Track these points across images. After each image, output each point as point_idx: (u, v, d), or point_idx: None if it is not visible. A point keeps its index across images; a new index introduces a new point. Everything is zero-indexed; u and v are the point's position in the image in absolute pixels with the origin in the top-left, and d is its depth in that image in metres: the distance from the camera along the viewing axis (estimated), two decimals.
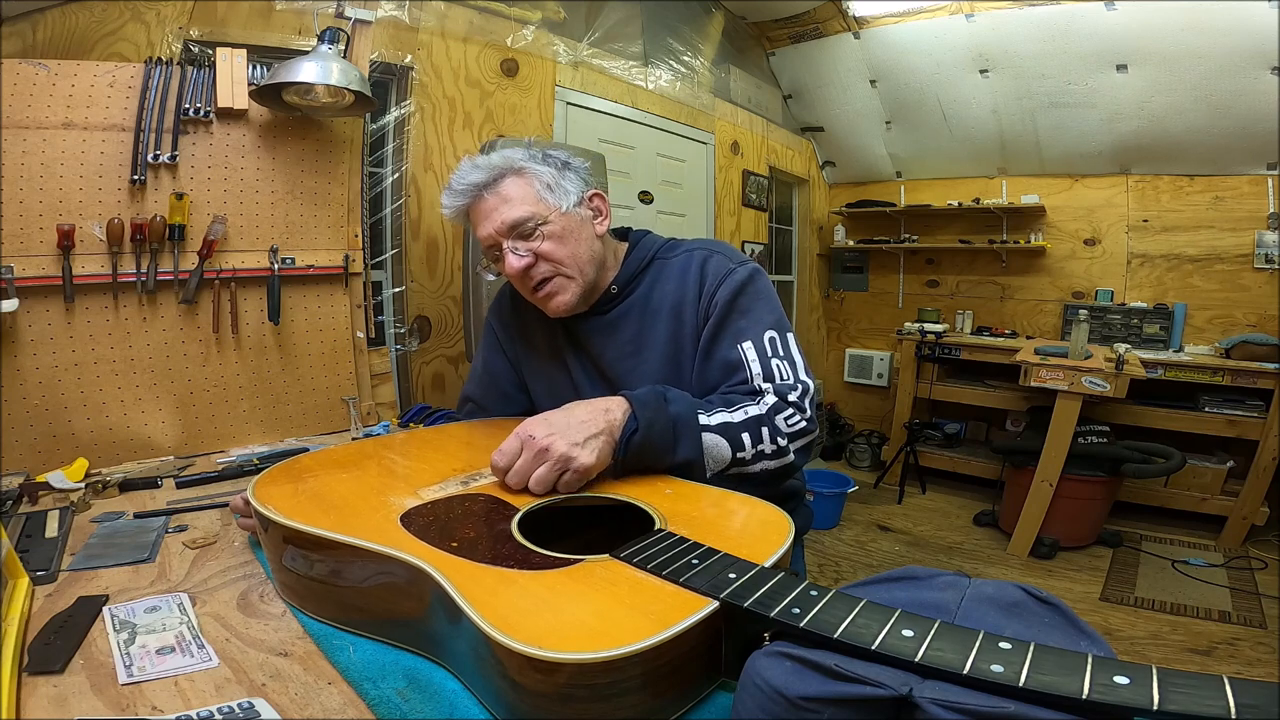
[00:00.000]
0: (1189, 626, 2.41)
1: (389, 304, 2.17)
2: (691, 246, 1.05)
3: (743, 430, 0.86)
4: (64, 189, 1.36)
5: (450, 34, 2.27)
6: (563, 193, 0.98)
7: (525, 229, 0.95)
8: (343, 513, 0.68)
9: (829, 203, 4.84)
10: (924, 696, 0.38)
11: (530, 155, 0.98)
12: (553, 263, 0.97)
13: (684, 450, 0.82)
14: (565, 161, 1.01)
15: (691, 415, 0.84)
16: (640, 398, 0.84)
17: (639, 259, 1.05)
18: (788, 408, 0.90)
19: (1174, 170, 3.64)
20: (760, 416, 0.87)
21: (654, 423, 0.81)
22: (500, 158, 0.97)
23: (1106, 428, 3.08)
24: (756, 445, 0.86)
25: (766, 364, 0.94)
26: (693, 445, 0.83)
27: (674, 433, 0.82)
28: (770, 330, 0.96)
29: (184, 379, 1.52)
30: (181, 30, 1.66)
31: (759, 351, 0.94)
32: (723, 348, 0.96)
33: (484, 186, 0.96)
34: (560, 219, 0.97)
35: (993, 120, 3.86)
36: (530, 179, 0.96)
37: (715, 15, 3.65)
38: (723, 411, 0.87)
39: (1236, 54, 2.98)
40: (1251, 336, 3.22)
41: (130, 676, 0.56)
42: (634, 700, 0.47)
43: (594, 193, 1.03)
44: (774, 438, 0.87)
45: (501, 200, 0.95)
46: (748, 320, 0.96)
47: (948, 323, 4.22)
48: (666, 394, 0.86)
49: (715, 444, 0.84)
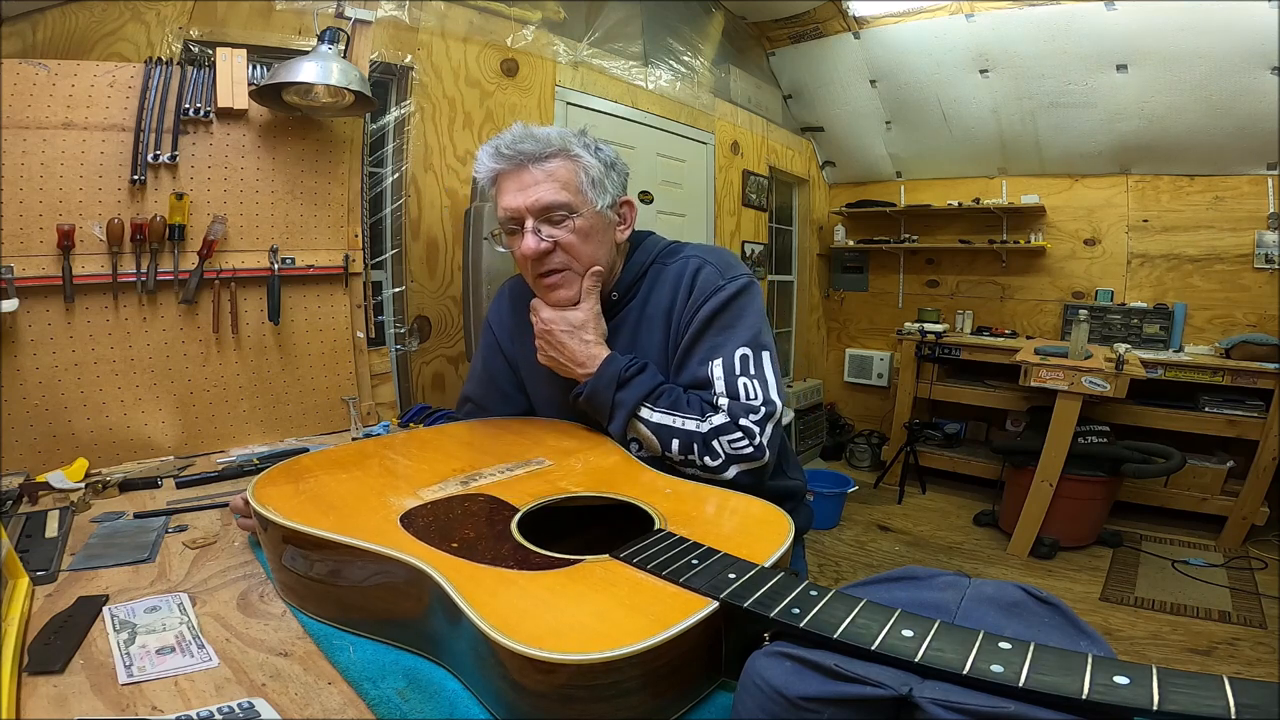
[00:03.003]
0: (1189, 626, 2.41)
1: (389, 304, 2.17)
2: (689, 253, 1.04)
3: (674, 437, 0.90)
4: (64, 189, 1.36)
5: (450, 34, 2.26)
6: (602, 190, 0.97)
7: (556, 215, 0.94)
8: (342, 513, 0.68)
9: (829, 203, 4.84)
10: (924, 696, 0.38)
11: (585, 143, 0.97)
12: (570, 256, 0.96)
13: (615, 426, 0.95)
14: (612, 162, 1.00)
15: (634, 404, 0.93)
16: (602, 372, 0.94)
17: (639, 263, 1.05)
18: (734, 431, 0.89)
19: (1174, 170, 3.64)
20: (696, 433, 0.89)
21: (596, 392, 0.95)
22: (557, 135, 0.95)
23: (1106, 428, 3.08)
24: (685, 454, 0.90)
25: (733, 381, 0.92)
26: (621, 426, 0.94)
27: (610, 411, 0.94)
28: (743, 347, 0.94)
29: (184, 379, 1.52)
30: (181, 30, 1.66)
31: (726, 368, 0.93)
32: (693, 364, 0.96)
33: (532, 158, 0.93)
34: (592, 216, 0.96)
35: (993, 120, 3.86)
36: (579, 167, 0.95)
37: (715, 15, 3.65)
38: (667, 414, 0.92)
39: (1236, 54, 2.97)
40: (1251, 336, 3.22)
41: (130, 676, 0.56)
42: (634, 700, 0.47)
43: (626, 199, 1.03)
44: (705, 456, 0.89)
45: (545, 177, 0.93)
46: (724, 337, 0.95)
47: (948, 323, 4.22)
48: (625, 374, 0.94)
49: (646, 436, 0.93)
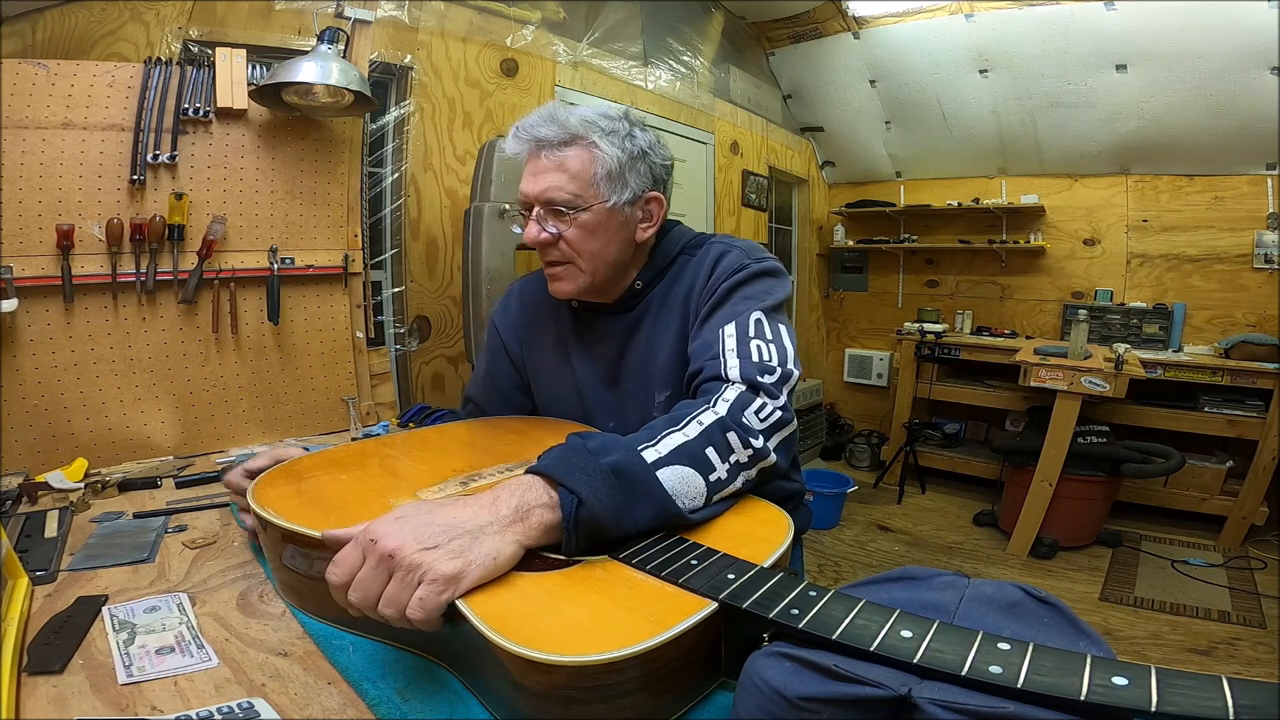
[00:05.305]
0: (1188, 626, 2.41)
1: (388, 304, 2.17)
2: (716, 240, 0.99)
3: (704, 447, 0.69)
4: (63, 189, 1.36)
5: (450, 34, 2.26)
6: (620, 186, 0.90)
7: (559, 209, 0.90)
8: (342, 514, 0.68)
9: (828, 203, 4.84)
10: (923, 697, 0.38)
11: (612, 131, 0.90)
12: (572, 251, 0.92)
13: (643, 509, 0.62)
14: (644, 151, 0.93)
15: (633, 457, 0.64)
16: (552, 463, 0.63)
17: (667, 252, 1.00)
18: (757, 397, 0.76)
19: (1173, 170, 3.64)
20: (721, 420, 0.72)
21: (593, 485, 0.61)
22: (579, 123, 0.89)
23: (1106, 428, 3.09)
24: (728, 457, 0.70)
25: (745, 344, 0.82)
26: (651, 497, 0.63)
27: (620, 489, 0.62)
28: (758, 313, 0.86)
29: (183, 379, 1.52)
30: (181, 30, 1.65)
31: (739, 330, 0.84)
32: (704, 331, 0.87)
33: (545, 144, 0.89)
34: (601, 213, 0.90)
35: (992, 120, 3.86)
36: (595, 160, 0.89)
37: (715, 15, 3.65)
38: (673, 430, 0.70)
39: (1236, 54, 2.98)
40: (1251, 336, 3.22)
41: (130, 676, 0.56)
42: (634, 701, 0.47)
43: (653, 195, 0.95)
44: (746, 439, 0.72)
45: (555, 166, 0.89)
46: (744, 305, 0.87)
47: (947, 323, 4.22)
48: (587, 444, 0.65)
49: (680, 478, 0.65)
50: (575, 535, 0.59)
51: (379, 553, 0.53)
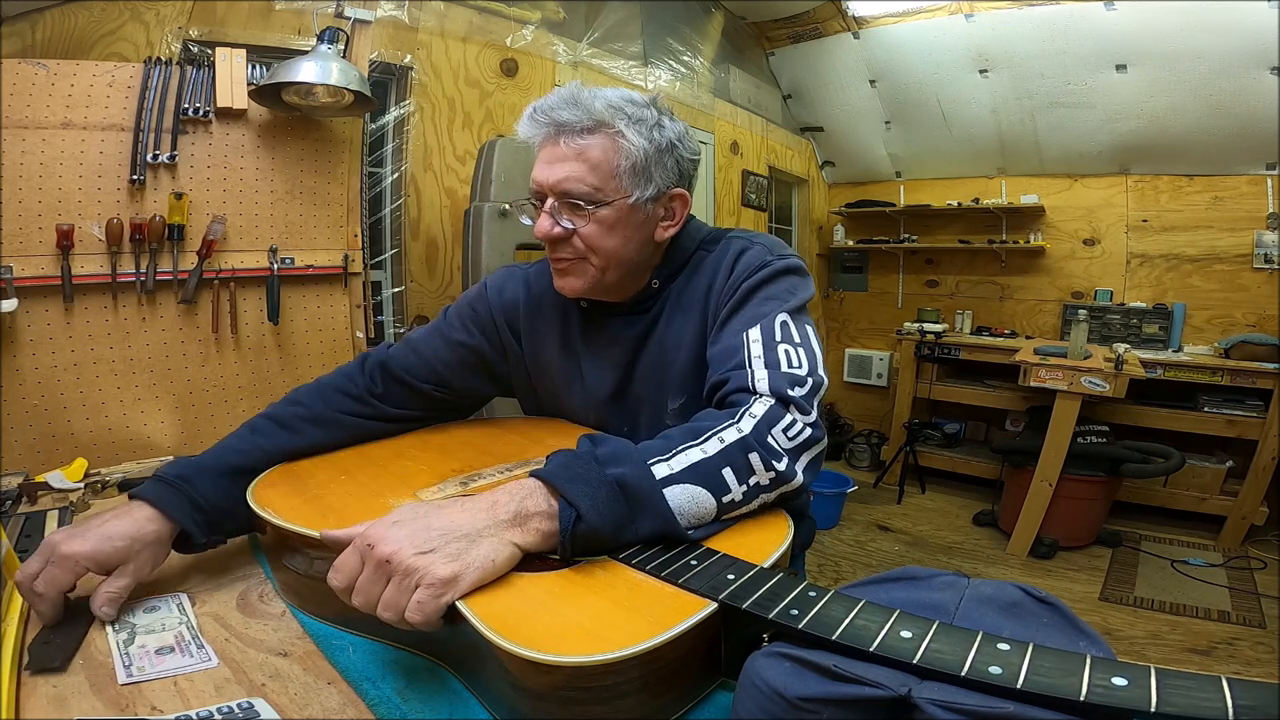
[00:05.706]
0: (1188, 626, 2.41)
1: (388, 304, 2.17)
2: (734, 235, 0.93)
3: (724, 465, 0.65)
4: (63, 189, 1.36)
5: (450, 34, 2.26)
6: (645, 181, 0.83)
7: (576, 203, 0.82)
8: (341, 515, 0.68)
9: (828, 202, 4.84)
10: (922, 697, 0.38)
11: (639, 119, 0.82)
12: (585, 248, 0.84)
13: (644, 525, 0.61)
14: (673, 143, 0.85)
15: (641, 471, 0.62)
16: (556, 470, 0.61)
17: (684, 249, 0.93)
18: (786, 413, 0.71)
19: (1173, 170, 3.64)
20: (744, 439, 0.67)
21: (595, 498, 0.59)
22: (604, 108, 0.81)
23: (1106, 428, 3.09)
24: (747, 479, 0.66)
25: (773, 350, 0.76)
26: (655, 514, 0.61)
27: (623, 504, 0.60)
28: (783, 315, 0.80)
29: (183, 379, 1.52)
30: (181, 30, 1.66)
31: (765, 333, 0.78)
32: (726, 334, 0.81)
33: (566, 129, 0.81)
34: (622, 209, 0.83)
35: (992, 120, 3.86)
36: (619, 151, 0.81)
37: (715, 15, 3.65)
38: (689, 447, 0.65)
39: (1236, 54, 2.98)
40: (1251, 336, 3.22)
41: (129, 676, 0.56)
42: (634, 701, 0.47)
43: (678, 192, 0.88)
44: (769, 460, 0.67)
45: (574, 155, 0.81)
46: (768, 306, 0.81)
47: (947, 323, 4.22)
48: (596, 451, 0.63)
49: (690, 497, 0.62)
50: (571, 547, 0.58)
51: (376, 558, 0.53)
